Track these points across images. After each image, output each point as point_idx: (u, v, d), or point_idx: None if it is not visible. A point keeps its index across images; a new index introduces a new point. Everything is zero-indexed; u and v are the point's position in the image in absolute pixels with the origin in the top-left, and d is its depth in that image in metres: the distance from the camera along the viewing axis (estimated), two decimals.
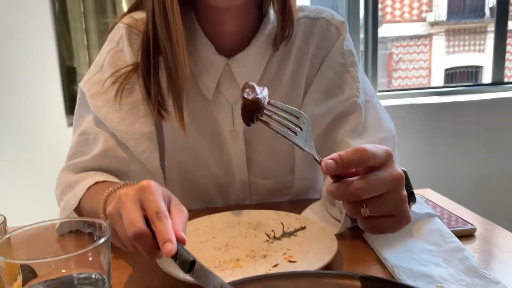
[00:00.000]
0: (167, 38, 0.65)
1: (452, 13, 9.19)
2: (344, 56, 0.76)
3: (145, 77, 0.70)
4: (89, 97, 0.72)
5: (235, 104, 0.75)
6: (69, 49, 1.72)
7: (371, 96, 0.77)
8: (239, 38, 0.73)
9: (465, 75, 9.50)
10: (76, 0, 1.64)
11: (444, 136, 2.02)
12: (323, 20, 0.77)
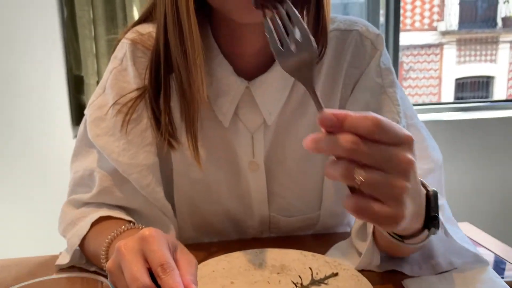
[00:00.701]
0: (181, 54, 0.58)
1: (463, 23, 9.15)
2: (382, 75, 0.68)
3: (154, 103, 0.63)
4: (89, 123, 0.65)
5: (256, 133, 0.67)
6: (77, 57, 1.67)
7: (413, 118, 0.69)
8: (261, 58, 0.64)
9: (476, 85, 9.44)
10: (85, 7, 1.58)
11: (463, 154, 1.94)
12: (356, 33, 0.68)
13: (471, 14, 9.20)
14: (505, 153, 1.98)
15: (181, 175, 0.69)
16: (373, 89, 0.67)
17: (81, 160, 0.68)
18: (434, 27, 9.24)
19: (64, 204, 0.70)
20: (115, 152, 0.63)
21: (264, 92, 0.65)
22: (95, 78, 1.64)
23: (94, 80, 1.63)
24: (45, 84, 1.64)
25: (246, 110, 0.66)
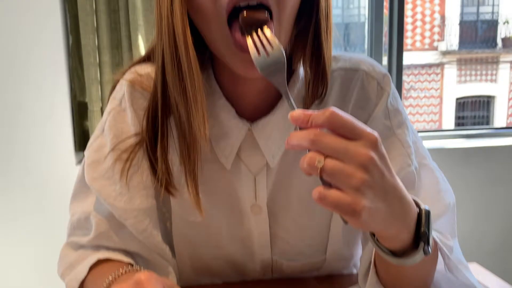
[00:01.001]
0: (180, 92, 0.56)
1: (464, 43, 9.22)
2: (390, 117, 0.66)
3: (151, 151, 0.61)
4: (86, 166, 0.64)
5: (258, 175, 0.65)
6: (81, 84, 1.67)
7: (426, 158, 0.67)
8: (263, 99, 0.63)
9: (477, 105, 9.47)
10: (90, 35, 1.58)
11: (466, 182, 1.93)
12: (362, 72, 0.66)
13: (471, 34, 9.28)
14: (510, 183, 1.96)
15: (180, 218, 0.67)
16: (382, 132, 0.65)
17: (78, 202, 0.67)
18: (434, 47, 9.31)
19: (63, 247, 0.69)
20: (112, 196, 0.62)
21: (266, 135, 0.63)
22: (99, 104, 1.64)
23: (98, 106, 1.63)
24: (49, 110, 1.64)
25: (249, 153, 0.65)
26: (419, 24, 9.28)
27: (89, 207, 0.65)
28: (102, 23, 1.57)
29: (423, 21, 9.31)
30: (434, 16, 9.46)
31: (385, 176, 0.44)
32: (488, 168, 1.94)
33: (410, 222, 0.48)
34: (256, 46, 0.51)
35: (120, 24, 1.59)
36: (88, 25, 1.57)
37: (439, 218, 0.62)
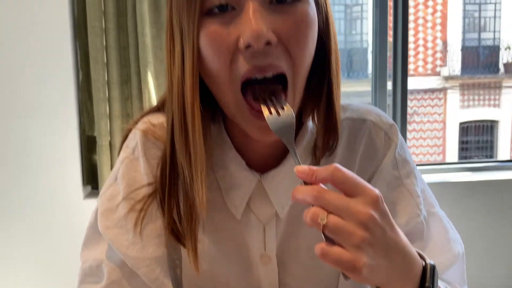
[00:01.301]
0: (185, 158, 0.58)
1: (466, 68, 9.29)
2: (398, 167, 0.67)
3: (163, 202, 0.63)
4: (99, 214, 0.64)
5: (268, 224, 0.66)
6: (90, 118, 1.69)
7: (435, 206, 0.68)
8: (273, 152, 0.64)
9: (480, 129, 9.47)
10: (100, 71, 1.61)
11: (470, 216, 1.92)
12: (370, 123, 0.67)
13: (474, 60, 9.35)
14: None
15: (189, 266, 0.67)
16: (390, 182, 0.66)
17: (90, 249, 0.67)
18: (437, 72, 9.37)
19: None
20: (124, 245, 0.62)
21: (276, 186, 0.64)
22: (108, 138, 1.65)
23: (106, 141, 1.65)
24: (58, 144, 1.66)
25: (258, 203, 0.65)
26: (421, 50, 9.36)
27: (101, 255, 0.65)
28: (112, 59, 1.61)
29: (425, 47, 9.40)
30: (436, 42, 9.56)
31: (387, 233, 0.46)
32: (493, 201, 1.94)
33: (414, 277, 0.49)
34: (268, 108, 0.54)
35: (130, 61, 1.63)
36: (99, 61, 1.61)
37: (448, 269, 0.63)
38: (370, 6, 2.17)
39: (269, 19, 0.51)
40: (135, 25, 1.60)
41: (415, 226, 0.64)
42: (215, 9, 0.52)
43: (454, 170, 2.06)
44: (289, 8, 0.52)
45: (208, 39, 0.53)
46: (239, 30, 0.51)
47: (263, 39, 0.50)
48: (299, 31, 0.53)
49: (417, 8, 9.36)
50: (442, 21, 9.44)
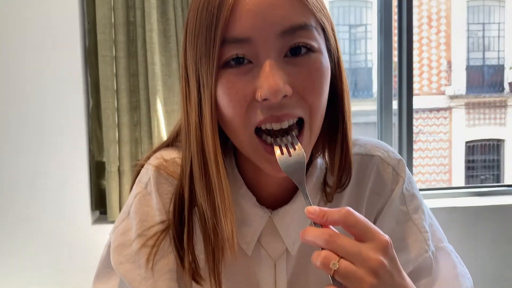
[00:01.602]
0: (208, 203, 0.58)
1: (471, 87, 9.29)
2: (406, 203, 0.68)
3: (177, 240, 0.63)
4: (112, 250, 0.65)
5: (278, 261, 0.67)
6: (99, 144, 1.71)
7: (443, 241, 0.69)
8: (283, 189, 0.66)
9: (487, 148, 9.42)
10: (110, 98, 1.64)
11: (478, 242, 1.91)
12: (378, 159, 0.69)
13: (478, 79, 9.37)
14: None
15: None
16: (398, 217, 0.67)
17: (102, 282, 0.68)
18: (442, 91, 9.38)
19: None
20: (136, 280, 0.63)
21: (286, 223, 0.65)
22: (117, 164, 1.67)
23: (115, 167, 1.66)
24: (68, 169, 1.68)
25: (269, 239, 0.66)
26: (426, 69, 9.40)
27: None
28: (121, 86, 1.64)
29: (429, 67, 9.44)
30: (441, 61, 9.60)
31: (395, 279, 0.47)
32: (500, 227, 1.93)
33: None
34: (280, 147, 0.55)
35: (139, 88, 1.66)
36: (109, 88, 1.64)
37: None
38: (374, 26, 2.21)
39: (285, 72, 0.53)
40: (145, 53, 1.63)
41: (424, 261, 0.65)
42: (232, 61, 0.54)
43: (461, 194, 2.06)
44: (303, 60, 0.54)
45: (225, 89, 0.54)
46: (257, 83, 0.53)
47: (280, 94, 0.52)
48: (314, 81, 0.55)
49: (421, 28, 9.42)
50: (446, 40, 9.49)
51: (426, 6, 9.38)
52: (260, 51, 0.53)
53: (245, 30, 0.52)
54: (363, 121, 7.48)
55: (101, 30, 1.62)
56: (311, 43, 0.54)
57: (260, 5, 0.52)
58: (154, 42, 1.61)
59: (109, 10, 1.62)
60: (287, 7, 0.53)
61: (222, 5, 0.52)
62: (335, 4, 9.14)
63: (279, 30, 0.52)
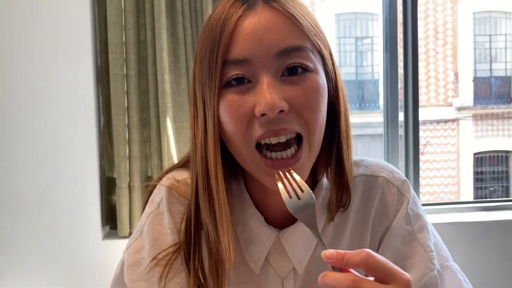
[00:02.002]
0: (210, 217, 0.62)
1: (478, 99, 9.25)
2: (411, 223, 0.70)
3: (188, 258, 0.65)
4: (126, 268, 0.68)
5: (286, 279, 0.69)
6: (110, 161, 1.75)
7: (448, 259, 0.70)
8: None
9: (495, 160, 9.35)
10: (121, 116, 1.68)
11: (485, 257, 1.90)
12: (383, 179, 0.71)
13: (486, 90, 9.33)
14: None
15: None
16: (404, 237, 0.69)
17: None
18: (449, 103, 9.35)
19: None
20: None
21: (293, 242, 0.67)
22: (127, 180, 1.70)
23: (125, 183, 1.69)
24: (79, 185, 1.71)
25: (277, 258, 0.68)
26: (433, 81, 9.38)
27: None
28: (132, 104, 1.68)
29: (436, 78, 9.41)
30: (447, 73, 9.58)
31: None
32: (508, 242, 1.93)
33: None
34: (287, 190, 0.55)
35: (150, 106, 1.70)
36: (119, 106, 1.68)
37: None
38: (381, 38, 2.22)
39: (281, 89, 0.56)
40: (155, 72, 1.67)
41: (429, 280, 0.66)
42: (233, 81, 0.58)
43: (469, 209, 2.06)
44: (299, 79, 0.58)
45: (226, 107, 0.58)
46: (255, 100, 0.56)
47: (276, 109, 0.55)
48: (309, 98, 0.58)
49: (428, 40, 9.42)
50: (453, 52, 9.48)
51: (432, 18, 9.39)
52: (258, 71, 0.57)
53: (244, 52, 0.56)
54: (370, 133, 7.47)
55: (113, 49, 1.66)
56: (306, 63, 0.58)
57: (257, 29, 0.56)
58: (164, 61, 1.65)
59: (120, 30, 1.66)
60: (282, 30, 0.57)
61: (223, 30, 0.57)
62: (341, 17, 9.19)
63: (275, 51, 0.56)
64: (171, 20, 1.69)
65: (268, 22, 0.57)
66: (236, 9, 0.58)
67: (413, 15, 2.05)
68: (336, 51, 9.24)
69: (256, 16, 0.57)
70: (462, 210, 2.03)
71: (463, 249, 1.87)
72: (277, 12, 0.57)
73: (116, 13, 1.66)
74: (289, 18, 0.58)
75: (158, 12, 1.64)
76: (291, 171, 0.57)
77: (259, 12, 0.57)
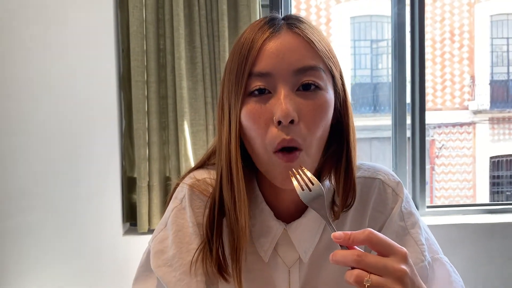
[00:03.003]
0: (232, 203, 0.70)
1: (495, 102, 9.14)
2: (404, 219, 0.78)
3: (210, 241, 0.74)
4: (152, 255, 0.77)
5: (292, 267, 0.77)
6: (131, 161, 1.85)
7: (438, 253, 0.78)
8: (297, 205, 0.77)
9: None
10: (141, 120, 1.78)
11: (497, 259, 1.96)
12: (379, 181, 0.79)
13: (503, 94, 9.21)
14: None
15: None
16: (398, 232, 0.77)
17: (141, 284, 0.79)
18: (465, 106, 9.25)
19: None
20: (172, 282, 0.74)
21: (299, 234, 0.76)
22: (146, 180, 1.80)
23: (145, 182, 1.79)
24: (102, 184, 1.80)
25: (284, 248, 0.77)
26: (449, 84, 9.28)
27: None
28: (152, 108, 1.77)
29: (452, 81, 9.31)
30: (464, 76, 9.47)
31: (415, 284, 0.57)
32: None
33: None
34: (300, 184, 0.65)
35: (168, 110, 1.79)
36: (140, 110, 1.77)
37: None
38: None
39: (295, 102, 0.66)
40: (174, 78, 1.76)
41: (420, 269, 0.74)
42: (256, 91, 0.67)
43: (482, 212, 2.10)
44: (311, 94, 0.67)
45: (250, 114, 0.68)
46: (273, 108, 0.66)
47: (289, 118, 0.65)
48: (316, 113, 0.67)
49: (444, 43, 9.34)
50: (470, 55, 9.37)
51: (449, 21, 9.31)
52: (277, 84, 0.66)
53: (267, 67, 0.66)
54: (384, 136, 7.46)
55: (134, 57, 1.76)
56: (318, 82, 0.67)
57: (280, 49, 0.67)
58: (182, 68, 1.74)
59: (141, 39, 1.76)
60: (301, 51, 0.67)
61: (251, 48, 0.67)
62: (357, 19, 9.19)
63: (293, 69, 0.66)
64: (189, 30, 1.78)
65: (290, 44, 0.67)
66: (264, 31, 0.68)
67: (420, 19, 2.09)
68: (351, 54, 9.23)
69: (280, 39, 0.67)
70: (467, 213, 2.09)
71: (468, 250, 1.92)
72: (298, 36, 0.68)
73: (137, 23, 1.76)
74: (307, 42, 0.67)
75: (177, 22, 1.74)
76: (302, 168, 0.66)
77: (283, 35, 0.68)
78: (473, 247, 1.93)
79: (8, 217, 1.78)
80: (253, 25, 0.71)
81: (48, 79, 1.76)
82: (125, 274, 1.71)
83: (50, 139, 1.77)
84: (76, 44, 1.76)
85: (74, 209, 1.80)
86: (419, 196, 2.04)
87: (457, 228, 1.93)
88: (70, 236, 1.80)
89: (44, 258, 1.79)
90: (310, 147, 0.68)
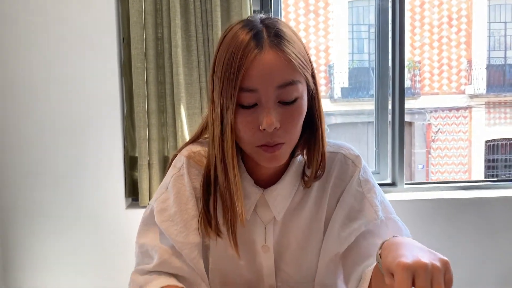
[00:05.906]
0: (226, 189, 0.84)
1: (492, 86, 9.18)
2: (361, 185, 0.91)
3: (205, 208, 0.88)
4: (156, 212, 0.89)
5: (268, 224, 0.92)
6: (132, 142, 1.96)
7: (392, 213, 0.91)
8: (273, 173, 0.91)
9: (508, 148, 9.33)
10: (141, 103, 1.89)
11: (467, 233, 2.07)
12: (341, 155, 0.93)
13: (499, 78, 9.25)
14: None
15: (216, 253, 0.92)
16: (356, 196, 0.91)
17: (145, 237, 0.91)
18: (462, 90, 9.28)
19: (132, 273, 0.93)
20: (174, 233, 0.87)
21: (274, 198, 0.90)
22: (147, 159, 1.92)
23: (145, 161, 1.93)
24: (106, 163, 1.93)
25: (262, 209, 0.91)
26: (446, 69, 9.27)
27: (153, 241, 0.90)
28: (151, 93, 1.90)
29: (449, 66, 9.30)
30: (461, 60, 9.45)
31: None
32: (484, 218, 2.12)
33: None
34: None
35: (166, 95, 1.91)
36: (140, 95, 1.89)
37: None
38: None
39: (278, 112, 0.79)
40: (171, 65, 1.88)
41: (373, 225, 0.88)
42: (246, 104, 0.80)
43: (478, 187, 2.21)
44: (291, 105, 0.80)
45: (242, 121, 0.81)
46: (260, 118, 0.79)
47: (273, 127, 0.78)
48: (294, 119, 0.81)
49: (441, 28, 9.31)
50: (467, 39, 9.35)
51: (447, 5, 9.27)
52: (263, 98, 0.79)
53: (254, 85, 0.79)
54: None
55: (134, 46, 1.87)
56: (296, 94, 0.80)
57: (265, 69, 0.79)
58: (179, 55, 1.85)
59: (141, 29, 1.88)
60: (282, 68, 0.79)
61: (241, 66, 0.79)
62: (355, 3, 9.19)
63: (276, 85, 0.79)
64: (185, 20, 1.89)
65: (272, 63, 0.79)
66: (250, 50, 0.76)
67: (400, 5, 2.12)
68: (349, 38, 9.24)
69: (264, 58, 0.78)
70: (443, 189, 2.22)
71: (443, 224, 2.08)
72: (278, 56, 0.79)
73: (137, 14, 1.87)
74: (286, 60, 0.79)
75: (173, 12, 1.85)
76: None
77: (266, 54, 0.76)
78: (448, 221, 2.08)
79: (18, 196, 1.92)
80: (239, 39, 0.80)
81: (56, 67, 1.88)
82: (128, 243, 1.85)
83: (59, 121, 1.90)
84: (81, 35, 1.88)
85: (80, 185, 1.93)
86: (398, 173, 2.19)
87: (432, 203, 2.07)
88: (77, 211, 1.93)
89: (53, 229, 1.94)
90: (290, 141, 0.83)
